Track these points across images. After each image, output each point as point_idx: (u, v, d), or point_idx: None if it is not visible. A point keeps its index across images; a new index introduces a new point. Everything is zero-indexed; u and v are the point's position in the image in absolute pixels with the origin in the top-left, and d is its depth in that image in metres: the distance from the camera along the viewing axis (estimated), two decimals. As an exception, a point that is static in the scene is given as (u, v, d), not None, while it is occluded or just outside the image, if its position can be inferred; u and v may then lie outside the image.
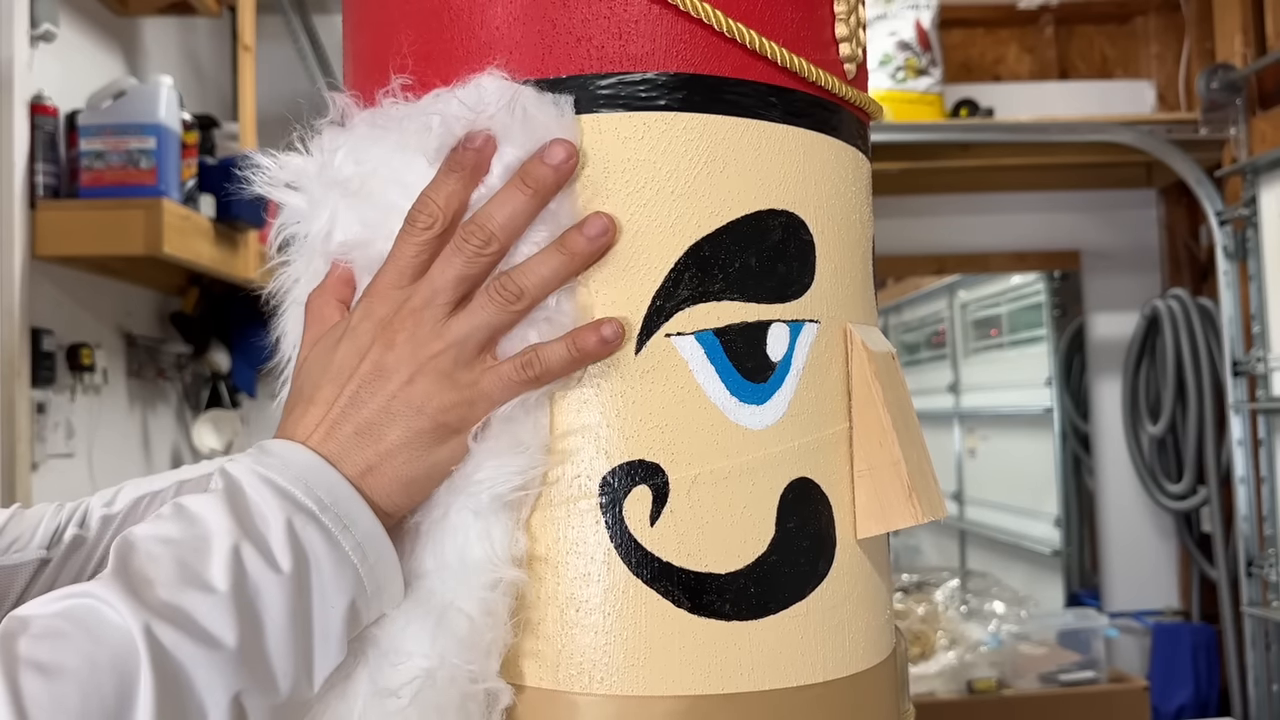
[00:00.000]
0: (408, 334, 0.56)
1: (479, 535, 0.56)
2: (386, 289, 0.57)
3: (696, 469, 0.58)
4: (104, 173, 2.04)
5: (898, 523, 0.62)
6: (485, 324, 0.56)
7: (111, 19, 2.44)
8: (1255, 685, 2.81)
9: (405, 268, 0.57)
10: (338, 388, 0.57)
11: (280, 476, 0.54)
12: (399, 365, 0.56)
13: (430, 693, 0.53)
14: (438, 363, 0.55)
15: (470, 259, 0.56)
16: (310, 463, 0.55)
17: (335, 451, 0.55)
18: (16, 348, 1.94)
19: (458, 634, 0.54)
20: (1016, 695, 2.64)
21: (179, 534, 0.51)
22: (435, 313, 0.56)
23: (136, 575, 0.49)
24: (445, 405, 0.56)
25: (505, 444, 0.56)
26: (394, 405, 0.55)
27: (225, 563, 0.50)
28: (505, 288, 0.56)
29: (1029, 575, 3.81)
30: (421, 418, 0.55)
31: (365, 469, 0.55)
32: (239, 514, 0.52)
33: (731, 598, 0.58)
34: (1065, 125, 3.00)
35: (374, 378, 0.56)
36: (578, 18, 0.59)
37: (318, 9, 3.04)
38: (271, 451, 0.55)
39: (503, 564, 0.56)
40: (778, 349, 0.60)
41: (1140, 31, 3.50)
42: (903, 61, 2.99)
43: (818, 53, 0.64)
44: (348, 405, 0.56)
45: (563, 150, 0.56)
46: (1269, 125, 2.85)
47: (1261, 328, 2.79)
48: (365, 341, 0.57)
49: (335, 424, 0.56)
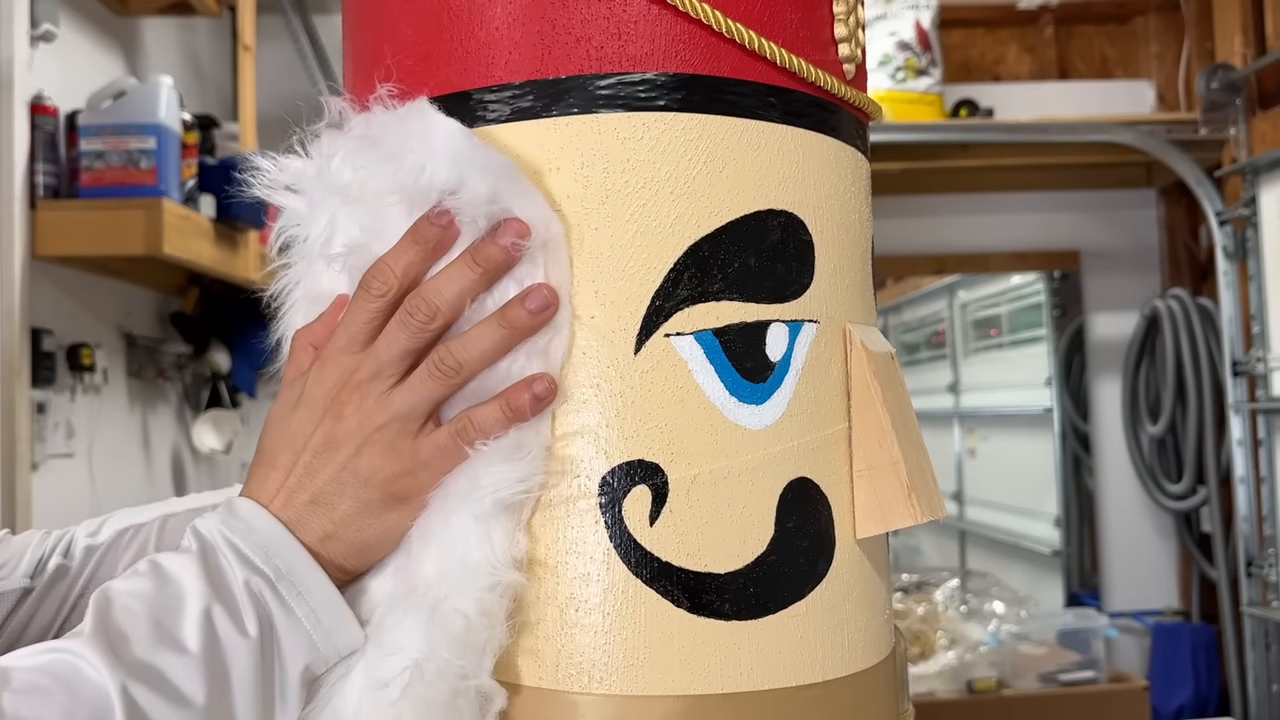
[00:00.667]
0: (354, 406, 0.58)
1: (480, 539, 0.57)
2: (338, 353, 0.60)
3: (696, 469, 0.58)
4: (104, 173, 2.04)
5: (897, 523, 0.62)
6: (426, 398, 0.58)
7: (111, 19, 2.44)
8: (1255, 685, 2.81)
9: (357, 333, 0.59)
10: (294, 455, 0.59)
11: (244, 542, 0.57)
12: (347, 438, 0.58)
13: (420, 686, 0.55)
14: (383, 435, 0.58)
15: (415, 333, 0.58)
16: (272, 530, 0.58)
17: (294, 518, 0.58)
18: (16, 348, 1.94)
19: (452, 631, 0.55)
20: (1016, 695, 2.64)
21: (154, 592, 0.54)
22: (380, 385, 0.58)
23: (114, 631, 0.52)
24: (390, 476, 0.58)
25: (508, 448, 0.57)
26: (344, 476, 0.58)
27: (197, 624, 0.54)
28: (444, 362, 0.58)
29: (1029, 575, 3.81)
30: (369, 489, 0.58)
31: (323, 536, 0.58)
32: (211, 576, 0.55)
33: (731, 597, 0.58)
34: (1065, 125, 3.00)
35: (325, 449, 0.59)
36: (577, 18, 0.59)
37: (318, 9, 3.04)
38: (239, 515, 0.58)
39: (503, 567, 0.57)
40: (777, 349, 0.60)
41: (1140, 31, 3.51)
42: (903, 61, 2.99)
43: (817, 53, 0.64)
44: (303, 474, 0.59)
45: (513, 231, 0.58)
46: (1269, 125, 2.85)
47: (1261, 328, 2.79)
48: (318, 411, 0.59)
49: (293, 492, 0.59)
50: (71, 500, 2.21)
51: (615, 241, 0.58)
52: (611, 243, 0.58)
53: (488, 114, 0.60)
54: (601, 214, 0.58)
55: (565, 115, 0.59)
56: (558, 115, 0.59)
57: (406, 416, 0.58)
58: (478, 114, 0.60)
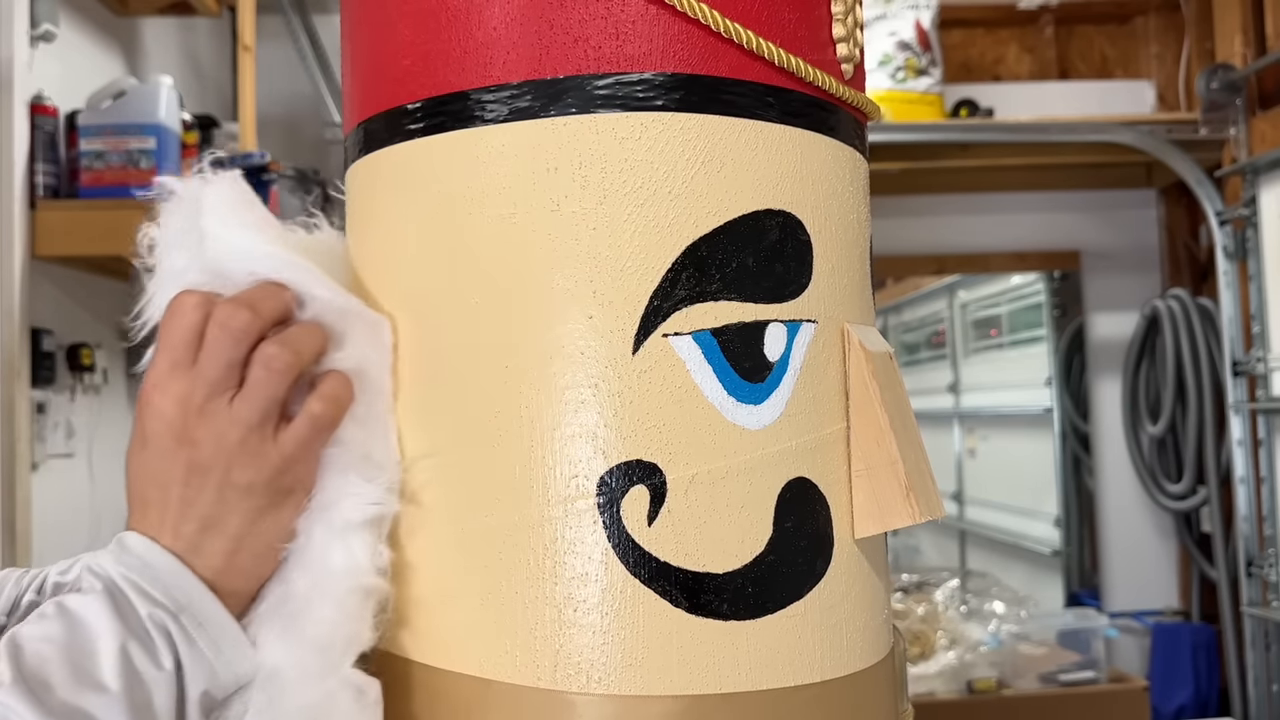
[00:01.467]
0: (205, 430, 0.59)
1: (341, 550, 0.60)
2: (165, 379, 0.61)
3: (694, 469, 0.58)
4: (104, 173, 2.05)
5: (895, 522, 0.62)
6: (269, 398, 0.60)
7: (111, 19, 2.44)
8: (1255, 685, 2.81)
9: (180, 356, 0.61)
10: (162, 490, 0.60)
11: (142, 578, 0.57)
12: (212, 461, 0.59)
13: (288, 693, 0.57)
14: (245, 446, 0.59)
15: (236, 341, 0.60)
16: (167, 564, 0.58)
17: (186, 548, 0.59)
18: (16, 348, 1.95)
19: (310, 634, 0.58)
20: (1016, 695, 2.64)
21: (65, 634, 0.55)
22: (220, 402, 0.60)
23: (34, 679, 0.53)
24: (269, 478, 0.59)
25: (359, 461, 0.61)
26: (225, 495, 0.59)
27: (115, 663, 0.54)
28: (275, 361, 0.60)
29: (1029, 575, 3.81)
30: (253, 498, 0.59)
31: (220, 560, 0.59)
32: (121, 614, 0.56)
33: (729, 597, 0.58)
34: (1065, 125, 3.00)
35: (193, 476, 0.59)
36: (575, 18, 0.59)
37: (318, 9, 3.04)
38: (132, 551, 0.59)
39: (363, 573, 0.60)
40: (775, 349, 0.60)
41: (1140, 31, 3.51)
42: (902, 61, 2.99)
43: (815, 53, 0.64)
44: (181, 505, 0.59)
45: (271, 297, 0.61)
46: (1269, 125, 2.85)
47: (1261, 328, 2.79)
48: (169, 444, 0.60)
49: (177, 523, 0.59)
50: (71, 500, 2.21)
51: (613, 241, 0.58)
52: (609, 243, 0.58)
53: (485, 114, 0.60)
54: (599, 214, 0.58)
55: (563, 115, 0.59)
56: (555, 115, 0.59)
57: (259, 423, 0.59)
58: (475, 114, 0.60)
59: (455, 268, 0.61)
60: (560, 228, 0.59)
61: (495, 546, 0.59)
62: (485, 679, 0.58)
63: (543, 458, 0.58)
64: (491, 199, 0.60)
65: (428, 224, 0.62)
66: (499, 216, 0.60)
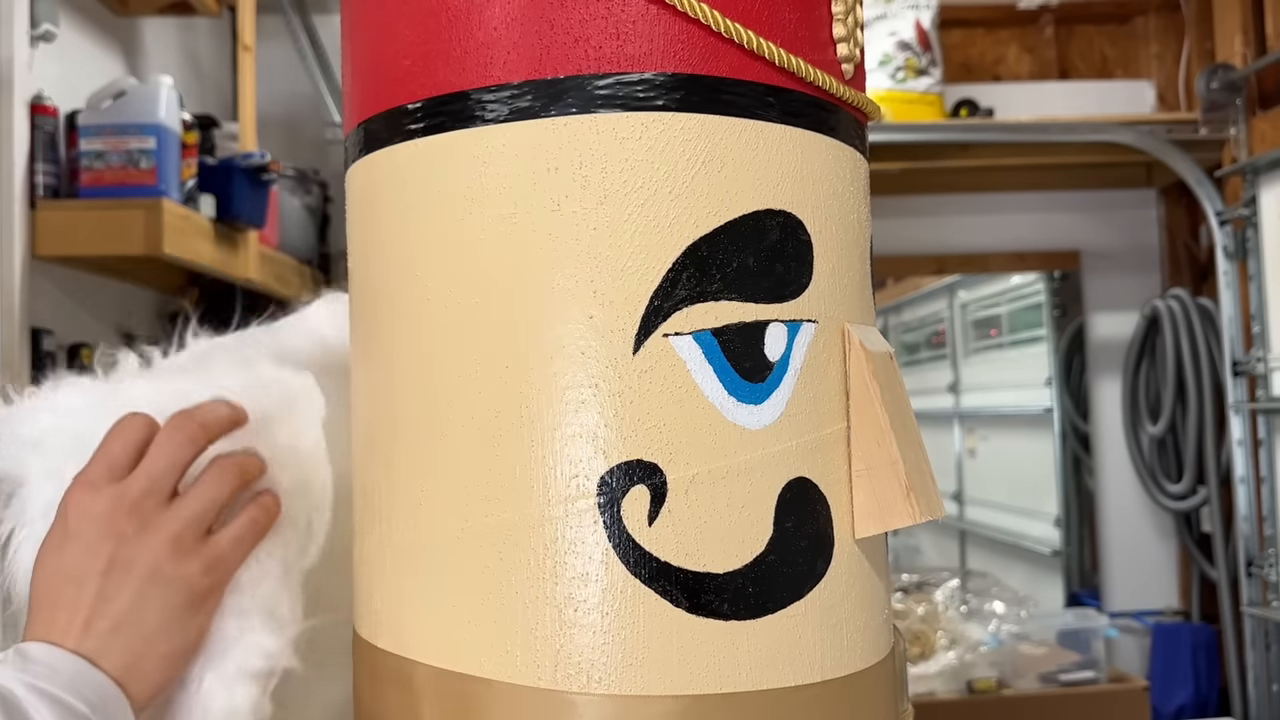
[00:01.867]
0: (137, 524, 0.60)
1: (224, 696, 0.61)
2: (100, 482, 0.61)
3: (694, 469, 0.58)
4: (104, 173, 2.04)
5: (895, 522, 0.62)
6: (217, 499, 0.62)
7: (111, 19, 2.44)
8: (1255, 685, 2.81)
9: (118, 461, 0.62)
10: (78, 588, 0.59)
11: (49, 684, 0.56)
12: (139, 554, 0.59)
13: None
14: (180, 541, 0.60)
15: (186, 444, 0.62)
16: (76, 667, 0.58)
17: (95, 649, 0.58)
18: (16, 348, 1.94)
19: None
20: (1016, 695, 2.64)
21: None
22: (155, 499, 0.60)
23: None
24: (193, 575, 0.60)
25: (263, 615, 0.62)
26: (146, 590, 0.59)
27: None
28: (227, 470, 0.62)
29: (1029, 575, 3.81)
30: (174, 594, 0.60)
31: (129, 659, 0.59)
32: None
33: (729, 597, 0.58)
34: (1065, 125, 3.00)
35: (115, 571, 0.59)
36: (575, 18, 0.59)
37: (318, 9, 3.04)
38: (34, 658, 0.58)
39: (241, 716, 0.60)
40: (775, 349, 0.60)
41: (1140, 31, 3.51)
42: (903, 61, 2.99)
43: (815, 53, 0.64)
44: (97, 602, 0.59)
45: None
46: (1269, 125, 2.85)
47: (1261, 328, 2.79)
48: (93, 540, 0.60)
49: (89, 622, 0.59)
50: (71, 500, 2.20)
51: (613, 241, 0.58)
52: (610, 242, 0.58)
53: (486, 114, 0.60)
54: (600, 214, 0.58)
55: (564, 115, 0.59)
56: (556, 115, 0.59)
57: (196, 521, 0.61)
58: (476, 114, 0.60)
59: (455, 268, 0.61)
60: (561, 228, 0.59)
61: (496, 546, 0.59)
62: (486, 679, 0.58)
63: (543, 458, 0.58)
64: (492, 199, 0.60)
65: (428, 224, 0.62)
66: (499, 216, 0.60)
